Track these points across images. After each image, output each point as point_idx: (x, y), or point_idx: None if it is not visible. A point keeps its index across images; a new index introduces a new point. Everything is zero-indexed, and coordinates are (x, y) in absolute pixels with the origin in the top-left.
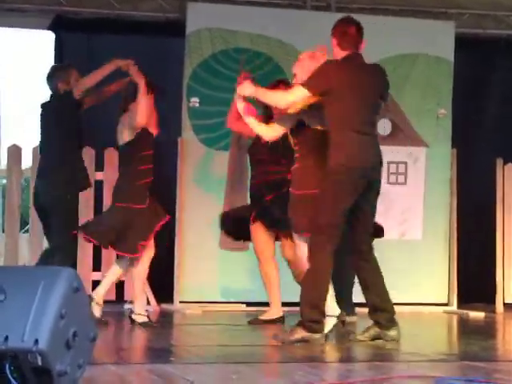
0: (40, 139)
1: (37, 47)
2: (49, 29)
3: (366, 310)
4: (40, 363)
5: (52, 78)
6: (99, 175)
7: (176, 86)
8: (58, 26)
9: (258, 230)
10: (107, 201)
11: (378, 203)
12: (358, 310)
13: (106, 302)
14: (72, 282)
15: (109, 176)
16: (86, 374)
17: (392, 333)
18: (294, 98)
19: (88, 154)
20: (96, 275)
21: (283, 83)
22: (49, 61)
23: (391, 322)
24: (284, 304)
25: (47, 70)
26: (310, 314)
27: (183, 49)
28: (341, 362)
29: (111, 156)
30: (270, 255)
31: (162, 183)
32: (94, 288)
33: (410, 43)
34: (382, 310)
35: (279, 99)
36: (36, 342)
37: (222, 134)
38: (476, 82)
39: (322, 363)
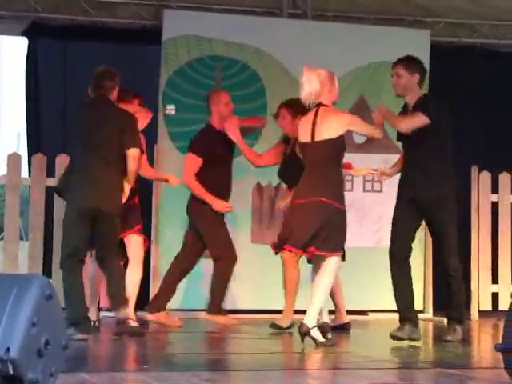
0: None
1: (6, 53)
2: (23, 35)
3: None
4: (11, 372)
5: None
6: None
7: (152, 93)
8: (34, 32)
9: None
10: None
11: (355, 211)
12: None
13: None
14: (44, 289)
15: None
16: (59, 382)
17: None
18: None
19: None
20: None
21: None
22: (19, 67)
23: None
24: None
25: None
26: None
27: (159, 56)
28: (313, 369)
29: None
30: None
31: (139, 189)
32: None
33: (386, 51)
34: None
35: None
36: (7, 350)
37: None
38: (451, 91)
39: (296, 370)
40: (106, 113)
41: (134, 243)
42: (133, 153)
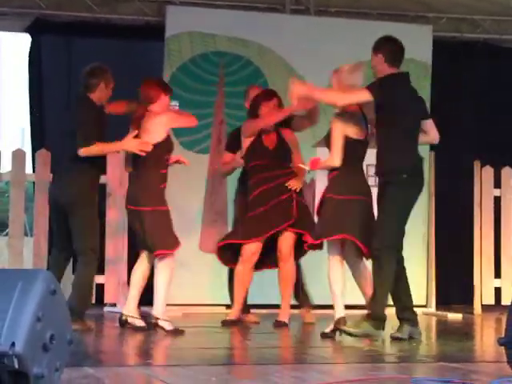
0: None
1: (9, 49)
2: (26, 31)
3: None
4: (17, 366)
5: None
6: None
7: None
8: (37, 28)
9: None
10: None
11: None
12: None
13: None
14: (49, 284)
15: None
16: (64, 376)
17: None
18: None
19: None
20: None
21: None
22: (23, 63)
23: None
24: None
25: (20, 72)
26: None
27: (163, 52)
28: (318, 363)
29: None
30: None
31: None
32: None
33: None
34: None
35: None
36: (13, 344)
37: (202, 137)
38: (453, 86)
39: (300, 364)
40: (72, 113)
41: None
42: (80, 153)
